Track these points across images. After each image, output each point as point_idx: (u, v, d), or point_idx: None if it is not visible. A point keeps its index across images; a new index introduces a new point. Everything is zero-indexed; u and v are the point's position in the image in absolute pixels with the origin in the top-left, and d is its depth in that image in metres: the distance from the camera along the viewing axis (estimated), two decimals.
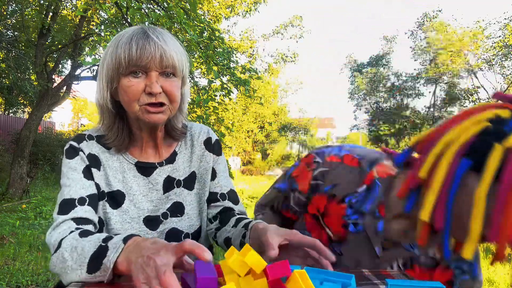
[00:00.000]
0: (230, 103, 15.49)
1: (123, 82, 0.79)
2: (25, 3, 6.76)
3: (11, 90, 10.05)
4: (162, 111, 0.81)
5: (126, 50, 0.77)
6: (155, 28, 0.82)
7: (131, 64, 0.77)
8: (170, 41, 0.81)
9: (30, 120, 6.36)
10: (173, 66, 0.80)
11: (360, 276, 0.76)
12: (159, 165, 0.92)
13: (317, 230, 0.86)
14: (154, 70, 0.78)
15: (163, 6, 3.91)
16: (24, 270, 2.85)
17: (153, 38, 0.78)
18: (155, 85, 0.77)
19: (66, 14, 7.98)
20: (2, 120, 11.52)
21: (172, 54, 0.79)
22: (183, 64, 0.83)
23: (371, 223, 0.77)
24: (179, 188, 0.94)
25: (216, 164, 0.99)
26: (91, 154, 0.87)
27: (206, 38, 3.97)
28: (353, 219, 0.80)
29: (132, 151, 0.91)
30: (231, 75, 4.13)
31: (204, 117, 3.68)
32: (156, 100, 0.79)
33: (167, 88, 0.80)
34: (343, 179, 0.81)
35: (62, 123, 20.35)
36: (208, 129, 1.01)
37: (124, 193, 0.88)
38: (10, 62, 7.20)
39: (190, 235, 0.92)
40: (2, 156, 8.82)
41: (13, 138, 9.81)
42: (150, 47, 0.77)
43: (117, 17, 4.36)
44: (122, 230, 0.85)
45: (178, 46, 0.84)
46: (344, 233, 0.80)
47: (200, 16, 4.36)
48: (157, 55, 0.77)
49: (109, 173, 0.88)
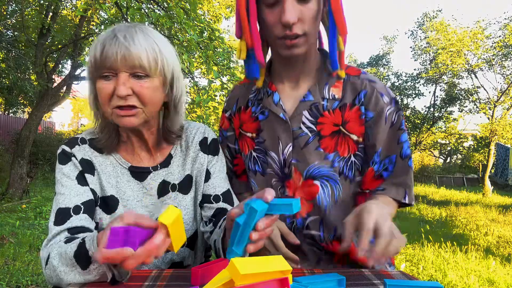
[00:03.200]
0: None
1: (98, 85, 0.77)
2: (25, 3, 6.75)
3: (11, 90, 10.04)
4: (133, 114, 0.77)
5: (93, 52, 0.76)
6: (129, 27, 0.78)
7: (98, 67, 0.75)
8: (140, 41, 0.75)
9: (30, 120, 6.36)
10: (141, 67, 0.75)
11: (360, 276, 0.76)
12: (154, 169, 0.89)
13: (243, 141, 1.01)
14: (123, 71, 0.75)
15: (163, 6, 3.91)
16: (24, 270, 2.85)
17: (118, 38, 0.74)
18: (121, 87, 0.74)
19: (66, 14, 7.97)
20: (2, 120, 11.51)
21: (139, 54, 0.74)
22: (160, 63, 0.78)
23: (271, 100, 0.92)
24: (174, 192, 0.91)
25: (210, 165, 0.95)
26: (84, 159, 0.86)
27: (206, 38, 3.97)
28: (259, 111, 0.95)
29: (125, 155, 0.89)
30: (231, 75, 4.13)
31: (204, 117, 3.68)
32: (125, 103, 0.75)
33: (137, 89, 0.76)
34: (233, 96, 1.04)
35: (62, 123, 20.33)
36: (205, 128, 0.97)
37: (118, 199, 0.86)
38: (10, 62, 7.20)
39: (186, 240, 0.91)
40: (2, 156, 8.81)
41: (13, 138, 9.80)
42: (113, 48, 0.73)
43: (117, 17, 4.36)
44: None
45: (153, 44, 0.77)
46: (258, 125, 0.95)
47: (200, 16, 4.36)
48: (118, 56, 0.73)
49: (102, 177, 0.86)
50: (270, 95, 0.92)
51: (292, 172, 0.91)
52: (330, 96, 0.88)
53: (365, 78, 0.89)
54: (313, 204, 0.91)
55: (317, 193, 0.90)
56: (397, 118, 0.88)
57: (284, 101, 0.91)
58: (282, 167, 0.92)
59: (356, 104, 0.87)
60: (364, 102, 0.86)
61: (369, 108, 0.86)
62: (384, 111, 0.86)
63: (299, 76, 0.91)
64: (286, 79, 0.92)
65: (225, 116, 1.03)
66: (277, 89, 0.92)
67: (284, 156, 0.91)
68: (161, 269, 0.80)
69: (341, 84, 0.89)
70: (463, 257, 3.85)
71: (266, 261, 0.57)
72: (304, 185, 0.91)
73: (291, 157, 0.90)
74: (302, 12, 0.78)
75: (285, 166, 0.92)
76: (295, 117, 0.89)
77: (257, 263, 0.55)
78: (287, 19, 0.76)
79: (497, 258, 3.87)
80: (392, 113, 0.87)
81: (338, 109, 0.88)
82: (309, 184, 0.90)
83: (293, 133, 0.89)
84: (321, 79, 0.89)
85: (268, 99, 0.92)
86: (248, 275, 0.52)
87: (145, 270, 0.79)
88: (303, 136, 0.89)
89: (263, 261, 0.57)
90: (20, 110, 13.45)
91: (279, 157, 0.92)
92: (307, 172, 0.90)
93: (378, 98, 0.86)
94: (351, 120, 0.87)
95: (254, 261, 0.56)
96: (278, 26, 0.79)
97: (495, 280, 3.16)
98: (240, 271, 0.51)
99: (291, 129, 0.89)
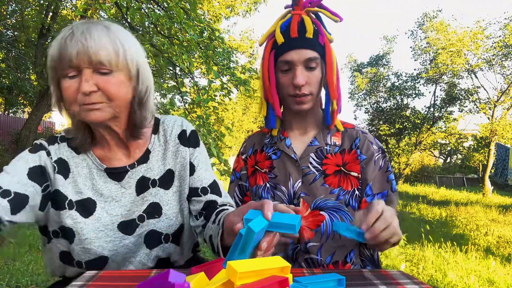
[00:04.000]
0: (230, 103, 15.48)
1: (62, 85, 0.76)
2: (25, 3, 6.75)
3: (11, 90, 10.05)
4: (98, 109, 0.76)
5: (50, 52, 0.74)
6: (87, 23, 0.76)
7: (58, 66, 0.74)
8: (98, 35, 0.74)
9: (30, 120, 6.36)
10: (101, 62, 0.73)
11: (359, 276, 0.76)
12: (130, 167, 0.88)
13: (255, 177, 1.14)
14: (85, 67, 0.73)
15: (163, 6, 3.91)
16: (24, 270, 2.85)
17: (75, 35, 0.73)
18: (84, 84, 0.73)
19: (66, 14, 7.97)
20: (2, 120, 11.51)
21: (97, 49, 0.73)
22: (122, 57, 0.76)
23: (284, 144, 1.08)
24: (155, 188, 0.89)
25: (193, 158, 0.93)
26: (61, 159, 0.84)
27: (206, 38, 3.97)
28: (272, 151, 1.10)
29: (102, 155, 0.87)
30: (231, 75, 4.13)
31: (204, 117, 3.68)
32: (90, 100, 0.74)
33: (102, 85, 0.75)
34: (249, 141, 1.19)
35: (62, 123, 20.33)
36: (182, 121, 0.96)
37: (95, 200, 0.84)
38: (10, 62, 7.20)
39: (170, 236, 0.89)
40: (2, 156, 8.81)
41: (13, 138, 9.81)
42: (70, 45, 0.72)
43: (117, 17, 4.36)
44: (96, 239, 0.82)
45: (112, 38, 0.76)
46: (271, 163, 1.10)
47: (200, 16, 4.35)
48: (76, 52, 0.72)
49: (78, 180, 0.84)
50: (283, 140, 1.10)
51: (300, 203, 1.05)
52: (332, 142, 1.07)
53: (359, 130, 1.10)
54: (316, 233, 1.02)
55: (322, 222, 1.02)
56: (384, 163, 1.07)
57: (294, 145, 1.09)
58: (292, 199, 1.06)
59: (353, 148, 1.06)
60: (359, 146, 1.06)
61: (362, 152, 1.06)
62: (374, 156, 1.05)
63: (306, 127, 1.10)
64: (296, 128, 1.11)
65: (241, 158, 1.18)
66: (288, 135, 1.10)
67: (294, 189, 1.05)
68: (149, 269, 0.79)
69: (340, 134, 1.09)
70: (463, 257, 3.85)
71: (264, 260, 0.57)
72: (311, 215, 1.03)
73: (300, 190, 1.05)
74: (309, 77, 1.00)
75: (294, 198, 1.05)
76: (303, 157, 1.06)
77: (255, 263, 0.55)
78: (297, 81, 0.97)
79: (497, 258, 3.87)
80: (380, 158, 1.06)
81: (339, 153, 1.06)
82: (315, 214, 1.03)
83: (302, 171, 1.05)
84: (324, 129, 1.09)
85: (282, 142, 1.10)
86: (246, 273, 0.52)
87: (145, 270, 0.79)
88: (311, 174, 1.05)
89: (261, 261, 0.57)
90: (20, 110, 13.45)
91: (288, 190, 1.06)
92: (314, 204, 1.04)
93: (369, 145, 1.06)
94: (350, 161, 1.05)
95: (252, 261, 0.56)
96: (290, 87, 1.00)
97: (495, 280, 3.16)
98: (237, 270, 0.51)
99: (300, 167, 1.06)
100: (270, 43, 1.04)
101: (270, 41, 1.05)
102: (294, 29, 0.99)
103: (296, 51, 0.98)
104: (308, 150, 1.06)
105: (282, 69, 1.01)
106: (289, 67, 1.00)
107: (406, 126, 15.17)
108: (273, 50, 1.02)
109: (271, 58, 1.03)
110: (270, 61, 1.03)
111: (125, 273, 0.75)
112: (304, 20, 1.00)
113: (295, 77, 0.98)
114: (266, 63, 1.04)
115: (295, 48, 0.98)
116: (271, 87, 1.04)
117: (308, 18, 1.01)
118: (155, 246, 0.87)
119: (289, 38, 0.99)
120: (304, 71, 0.99)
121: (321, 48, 1.01)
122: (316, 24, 1.02)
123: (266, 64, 1.04)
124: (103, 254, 0.82)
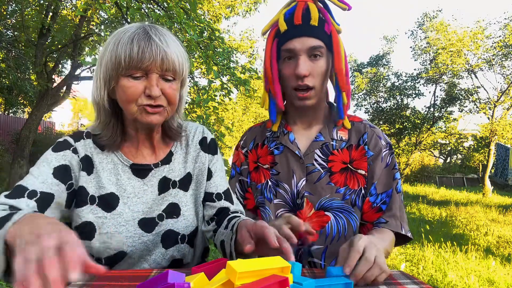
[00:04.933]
0: (230, 103, 15.47)
1: (123, 83, 0.77)
2: (25, 3, 6.75)
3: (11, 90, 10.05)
4: (159, 112, 0.80)
5: (127, 50, 0.75)
6: (156, 28, 0.80)
7: (132, 66, 0.75)
8: (172, 43, 0.79)
9: (30, 120, 6.36)
10: (173, 70, 0.79)
11: None
12: (155, 166, 0.90)
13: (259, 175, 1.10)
14: (155, 72, 0.77)
15: (163, 6, 3.91)
16: None
17: (155, 40, 0.76)
18: (155, 88, 0.76)
19: (66, 14, 7.97)
20: (2, 120, 11.51)
21: (173, 58, 0.78)
22: (184, 66, 0.82)
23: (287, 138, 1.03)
24: (175, 189, 0.92)
25: (211, 164, 0.97)
26: (86, 155, 0.86)
27: (206, 38, 3.97)
28: (274, 146, 1.05)
29: (127, 152, 0.90)
30: (231, 75, 4.13)
31: (204, 117, 3.67)
32: (155, 102, 0.78)
33: (167, 91, 0.79)
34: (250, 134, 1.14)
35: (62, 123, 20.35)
36: (203, 128, 1.00)
37: (118, 196, 0.86)
38: (10, 62, 7.20)
39: (186, 236, 0.91)
40: (2, 156, 8.81)
41: (13, 138, 9.81)
42: (152, 50, 0.75)
43: (117, 17, 4.36)
44: (117, 234, 0.83)
45: (179, 47, 0.82)
46: (273, 158, 1.05)
47: (200, 16, 4.35)
48: (158, 58, 0.76)
49: (102, 175, 0.86)
50: (286, 134, 1.04)
51: (304, 203, 0.99)
52: (338, 137, 1.01)
53: (367, 123, 1.04)
54: (320, 235, 0.98)
55: (327, 223, 0.98)
56: (391, 160, 1.00)
57: (298, 140, 1.03)
58: (295, 198, 1.01)
59: (360, 144, 1.00)
60: (367, 142, 0.99)
61: (370, 147, 0.99)
62: (381, 152, 0.99)
63: (310, 122, 1.04)
64: (300, 123, 1.05)
65: (241, 152, 1.13)
66: (292, 130, 1.05)
67: (298, 188, 1.00)
68: (161, 269, 0.79)
69: (347, 129, 1.03)
70: (463, 257, 3.85)
71: (264, 260, 0.57)
72: (315, 215, 0.99)
73: (304, 189, 0.99)
74: (312, 67, 0.93)
75: (297, 197, 1.00)
76: (308, 154, 1.01)
77: (255, 263, 0.55)
78: (299, 71, 0.91)
79: (497, 258, 3.87)
80: (388, 155, 1.00)
81: (346, 148, 1.00)
82: (320, 215, 0.98)
83: (306, 168, 1.00)
84: (329, 124, 1.03)
85: (285, 137, 1.04)
86: (245, 273, 0.52)
87: (146, 270, 0.79)
88: (316, 172, 0.99)
89: (261, 261, 0.57)
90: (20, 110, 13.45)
91: (291, 189, 1.01)
92: (319, 204, 0.98)
93: (377, 140, 1.00)
94: (357, 158, 0.99)
95: (252, 261, 0.56)
96: (293, 78, 0.94)
97: (495, 280, 3.16)
98: (236, 270, 0.51)
99: (305, 165, 1.00)
100: (273, 32, 0.98)
101: (273, 29, 0.99)
102: (299, 16, 0.93)
103: (299, 39, 0.92)
104: (313, 146, 1.01)
105: (284, 56, 0.95)
106: (291, 56, 0.94)
107: (406, 126, 15.16)
108: (276, 39, 0.97)
109: (273, 48, 0.97)
110: (273, 51, 0.97)
111: (125, 273, 0.75)
112: (309, 7, 0.94)
113: (297, 67, 0.91)
114: (269, 52, 0.99)
115: (298, 36, 0.92)
116: (274, 77, 0.99)
117: (314, 6, 0.95)
118: (171, 246, 0.89)
119: (292, 26, 0.93)
120: (307, 61, 0.92)
121: (327, 37, 0.93)
122: (323, 12, 0.95)
123: (269, 53, 0.99)
124: (123, 249, 0.83)
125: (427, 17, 13.57)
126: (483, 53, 11.85)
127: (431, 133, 15.09)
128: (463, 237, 4.98)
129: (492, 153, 11.38)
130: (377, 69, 16.15)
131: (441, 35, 12.55)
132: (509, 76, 11.70)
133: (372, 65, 16.33)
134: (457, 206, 7.98)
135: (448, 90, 14.02)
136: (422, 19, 13.78)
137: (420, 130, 14.91)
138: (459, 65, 12.27)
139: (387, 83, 16.00)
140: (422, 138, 14.87)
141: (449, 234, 5.18)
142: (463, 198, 9.77)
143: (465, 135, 16.64)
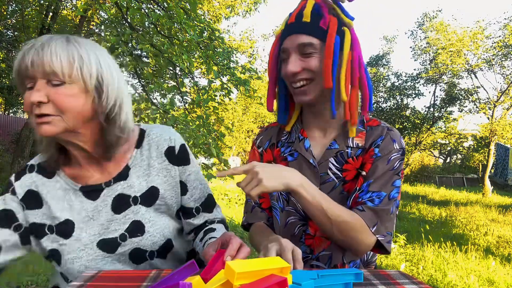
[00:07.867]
0: (230, 103, 15.47)
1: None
2: (25, 3, 6.75)
3: (11, 90, 10.05)
4: (48, 122, 0.73)
5: (18, 63, 0.73)
6: (52, 37, 0.75)
7: (21, 76, 0.73)
8: (54, 47, 0.72)
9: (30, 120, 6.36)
10: (53, 72, 0.71)
11: None
12: (106, 185, 0.85)
13: None
14: (40, 78, 0.72)
15: (163, 6, 3.90)
16: (24, 270, 2.85)
17: (34, 46, 0.72)
18: (33, 93, 0.71)
19: (66, 14, 7.98)
20: (2, 120, 11.51)
21: (49, 59, 0.71)
22: (77, 69, 0.73)
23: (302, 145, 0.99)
24: (137, 206, 0.86)
25: (184, 177, 0.91)
26: (29, 191, 0.83)
27: (206, 38, 3.97)
28: (288, 152, 1.01)
29: (73, 174, 0.85)
30: (231, 75, 4.13)
31: (204, 117, 3.68)
32: (40, 111, 0.72)
33: (52, 97, 0.72)
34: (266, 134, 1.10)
35: None
36: (170, 136, 0.90)
37: (73, 221, 0.83)
38: (10, 62, 7.20)
39: (155, 252, 0.87)
40: (2, 156, 8.82)
41: (13, 138, 9.81)
42: (26, 56, 0.72)
43: (117, 17, 4.36)
44: (77, 259, 0.81)
45: (71, 50, 0.74)
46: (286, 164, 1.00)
47: (200, 16, 4.35)
48: (30, 61, 0.71)
49: (53, 205, 0.83)
50: (301, 141, 1.00)
51: None
52: (354, 144, 0.95)
53: (385, 127, 0.96)
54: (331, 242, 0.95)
55: None
56: (399, 165, 0.93)
57: (313, 147, 0.99)
58: None
59: (372, 147, 0.94)
60: (379, 145, 0.93)
61: (379, 149, 0.93)
62: (390, 154, 0.92)
63: (325, 127, 0.99)
64: (316, 128, 1.00)
65: (257, 151, 1.09)
66: (307, 136, 1.00)
67: None
68: (160, 270, 0.79)
69: (364, 135, 0.96)
70: (463, 257, 3.85)
71: (264, 261, 0.57)
72: None
73: None
74: (305, 64, 0.89)
75: None
76: (322, 163, 0.96)
77: (254, 263, 0.55)
78: (288, 69, 0.89)
79: (497, 258, 3.88)
80: (397, 159, 0.92)
81: (361, 155, 0.95)
82: None
83: (320, 178, 0.95)
84: (346, 130, 0.97)
85: (300, 143, 1.00)
86: (244, 273, 0.52)
87: (144, 271, 0.79)
88: (330, 181, 0.95)
89: (260, 261, 0.57)
90: (20, 110, 13.45)
91: None
92: None
93: (389, 142, 0.93)
94: (367, 161, 0.93)
95: (251, 261, 0.56)
96: (287, 77, 0.92)
97: (495, 280, 3.16)
98: (235, 270, 0.51)
99: (319, 174, 0.96)
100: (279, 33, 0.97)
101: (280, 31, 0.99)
102: (294, 14, 0.91)
103: (290, 38, 0.89)
104: (327, 155, 0.95)
105: (281, 58, 0.94)
106: (286, 56, 0.91)
107: (406, 126, 15.16)
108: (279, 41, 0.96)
109: (275, 48, 0.97)
110: (275, 51, 0.97)
111: (124, 273, 0.75)
112: (307, 4, 0.91)
113: (287, 65, 0.89)
114: (271, 53, 0.98)
115: (289, 34, 0.90)
116: (270, 79, 0.99)
117: (312, 2, 0.91)
118: (141, 262, 0.87)
119: (286, 25, 0.92)
120: (297, 59, 0.89)
121: (322, 33, 0.89)
122: (321, 7, 0.91)
123: (271, 54, 0.98)
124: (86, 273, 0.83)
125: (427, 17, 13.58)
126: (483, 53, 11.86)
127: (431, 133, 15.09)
128: (463, 237, 4.99)
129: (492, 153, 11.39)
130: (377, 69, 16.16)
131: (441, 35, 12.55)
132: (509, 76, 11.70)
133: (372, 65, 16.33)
134: (457, 206, 7.99)
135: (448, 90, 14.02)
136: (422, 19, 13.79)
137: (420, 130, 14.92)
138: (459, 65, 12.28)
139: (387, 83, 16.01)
140: (422, 138, 14.87)
141: (449, 234, 5.19)
142: (463, 198, 9.77)
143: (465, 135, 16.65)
